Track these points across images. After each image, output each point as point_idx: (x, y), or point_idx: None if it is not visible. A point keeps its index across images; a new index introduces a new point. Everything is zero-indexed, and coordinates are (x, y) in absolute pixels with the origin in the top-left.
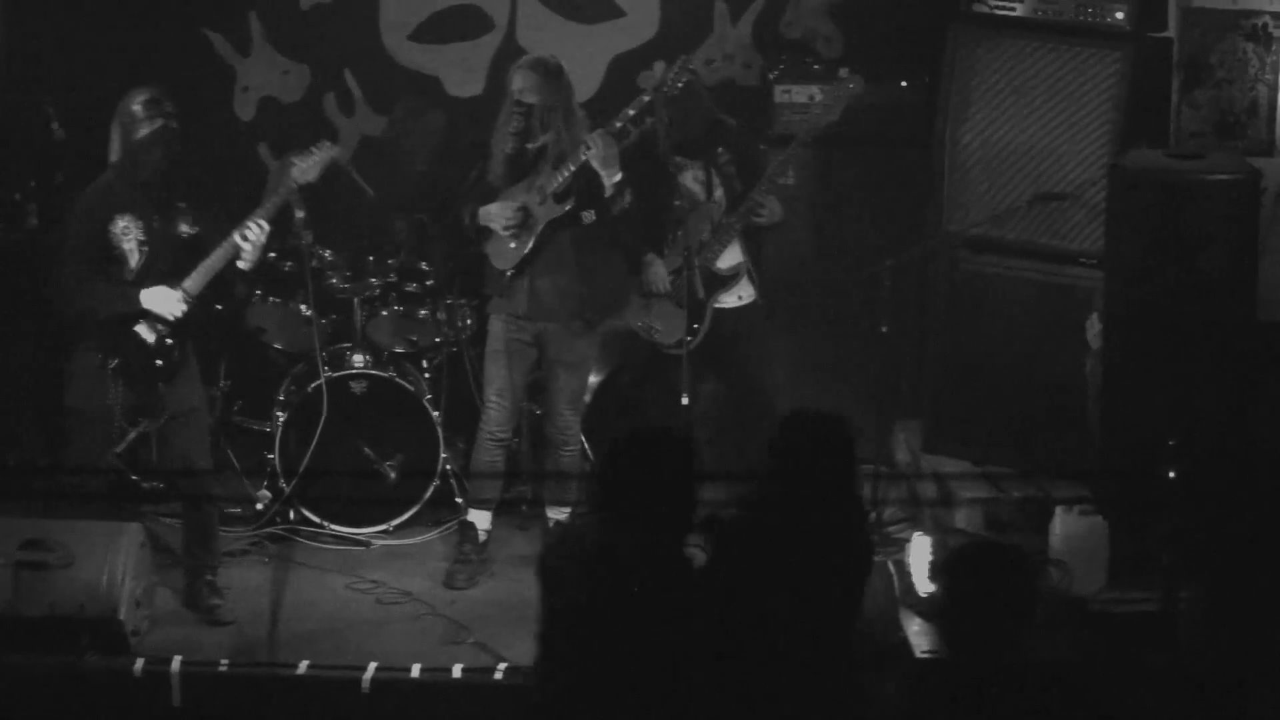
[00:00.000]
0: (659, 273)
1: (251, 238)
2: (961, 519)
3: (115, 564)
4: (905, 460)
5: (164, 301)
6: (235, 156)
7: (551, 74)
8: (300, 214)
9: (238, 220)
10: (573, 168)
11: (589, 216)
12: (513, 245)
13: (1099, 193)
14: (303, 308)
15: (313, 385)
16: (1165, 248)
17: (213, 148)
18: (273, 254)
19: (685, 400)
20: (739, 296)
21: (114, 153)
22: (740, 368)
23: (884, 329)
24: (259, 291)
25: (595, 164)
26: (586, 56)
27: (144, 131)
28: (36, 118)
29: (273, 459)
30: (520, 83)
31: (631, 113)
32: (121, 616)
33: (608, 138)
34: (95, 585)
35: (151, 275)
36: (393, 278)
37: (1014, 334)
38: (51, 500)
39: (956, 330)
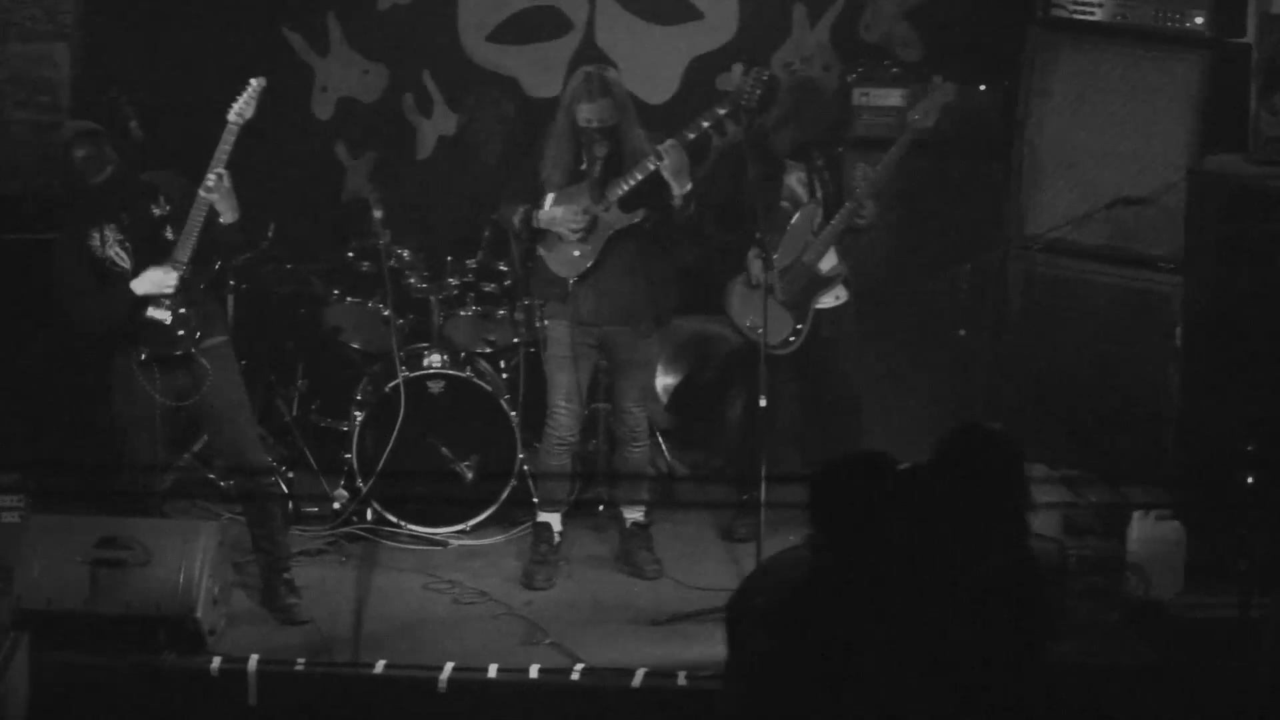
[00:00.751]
0: (761, 269)
1: (214, 187)
2: (1039, 523)
3: (192, 562)
4: None
5: (155, 281)
6: (312, 155)
7: (613, 89)
8: (378, 214)
9: (193, 181)
10: (639, 176)
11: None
12: (577, 254)
13: (1177, 198)
14: (381, 307)
15: (390, 385)
16: (1244, 253)
17: (290, 146)
18: (350, 253)
19: (763, 402)
20: (835, 297)
21: (67, 184)
22: (831, 369)
23: (962, 332)
24: (336, 291)
25: (666, 174)
26: (665, 58)
27: (97, 180)
28: (116, 117)
29: (350, 458)
30: (588, 110)
31: (705, 124)
32: (198, 615)
33: (679, 148)
34: (172, 584)
35: (145, 266)
36: (470, 278)
37: (1091, 338)
38: (127, 499)
39: (1034, 334)
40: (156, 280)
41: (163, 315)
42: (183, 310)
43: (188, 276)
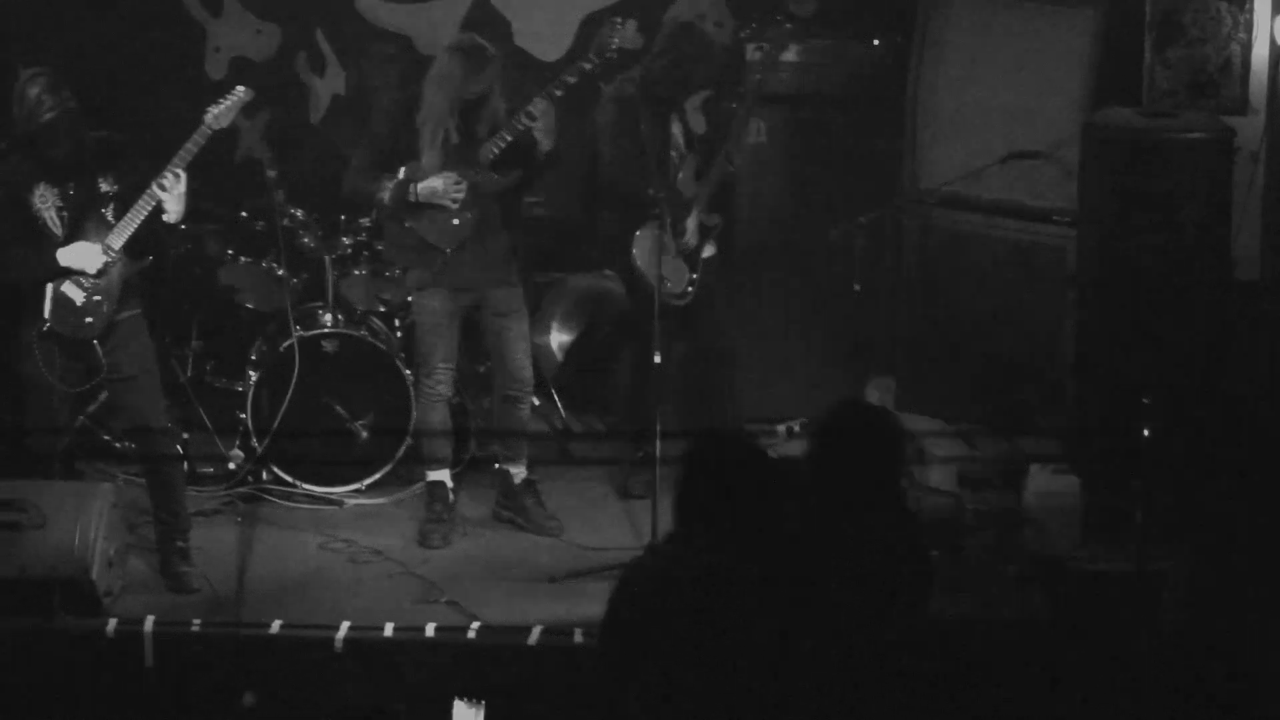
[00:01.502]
0: (691, 226)
1: (169, 187)
2: (935, 477)
3: (88, 525)
4: None
5: (82, 256)
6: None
7: (485, 58)
8: (272, 173)
9: (156, 173)
10: (509, 137)
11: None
12: (456, 222)
13: (1072, 151)
14: (275, 267)
15: (285, 344)
16: (1138, 206)
17: (183, 107)
18: (244, 213)
19: (658, 358)
20: (709, 247)
21: (17, 126)
22: (706, 322)
23: (857, 287)
24: (230, 251)
25: (538, 133)
26: (558, 15)
27: (47, 117)
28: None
29: (245, 418)
30: (476, 84)
31: (570, 79)
32: (94, 577)
33: (550, 106)
34: (67, 546)
35: (77, 238)
36: (364, 237)
37: (986, 292)
38: (23, 462)
39: (929, 288)
40: (84, 256)
41: (76, 295)
42: (97, 297)
43: (113, 265)
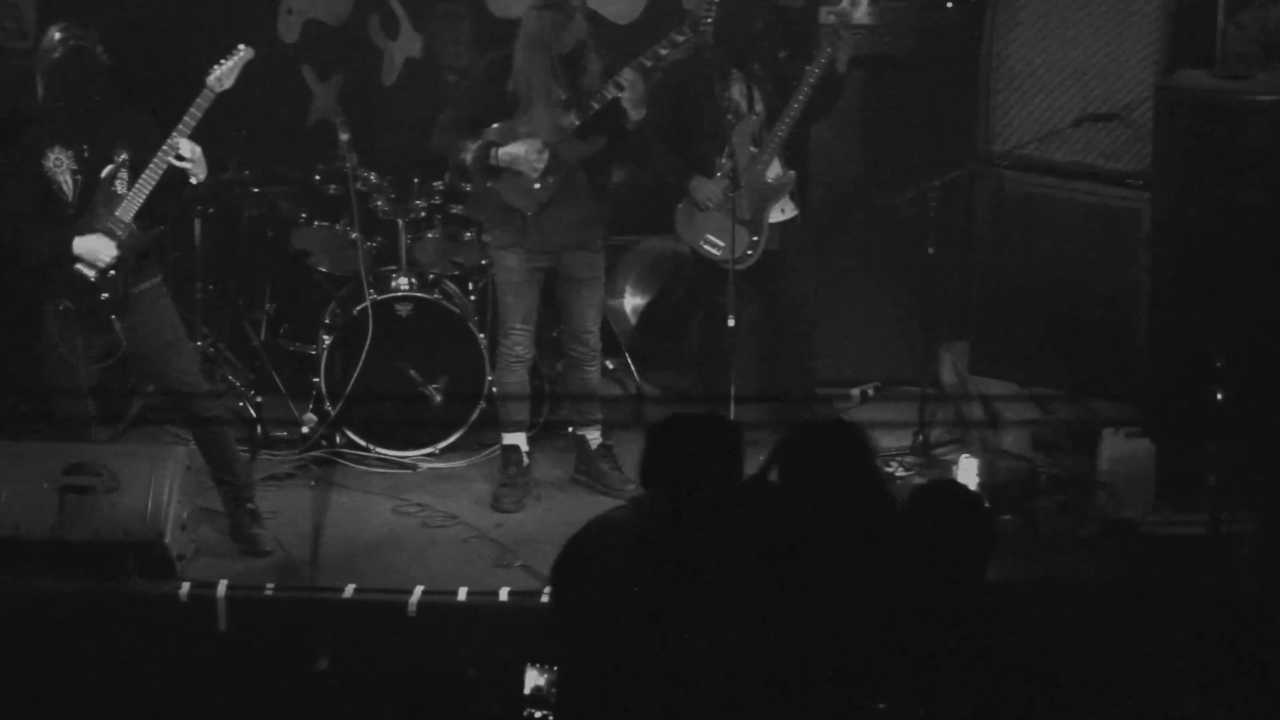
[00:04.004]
0: (710, 188)
1: (186, 154)
2: (1008, 441)
3: (161, 488)
4: (951, 382)
5: (95, 249)
6: (278, 79)
7: (569, 11)
8: (345, 137)
9: (165, 137)
10: (596, 105)
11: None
12: (537, 186)
13: (1145, 113)
14: (348, 230)
15: (358, 308)
16: (1211, 168)
17: (256, 70)
18: (317, 176)
19: (731, 321)
20: (782, 210)
21: (38, 88)
22: (783, 286)
23: (930, 250)
24: (304, 214)
25: (626, 103)
26: None
27: (56, 55)
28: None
29: (318, 382)
30: (564, 39)
31: (664, 51)
32: (167, 541)
33: (639, 77)
34: (141, 510)
35: (89, 205)
36: (438, 200)
37: (1060, 255)
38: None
39: (1002, 251)
40: (95, 250)
41: (89, 271)
42: (111, 272)
43: (124, 239)
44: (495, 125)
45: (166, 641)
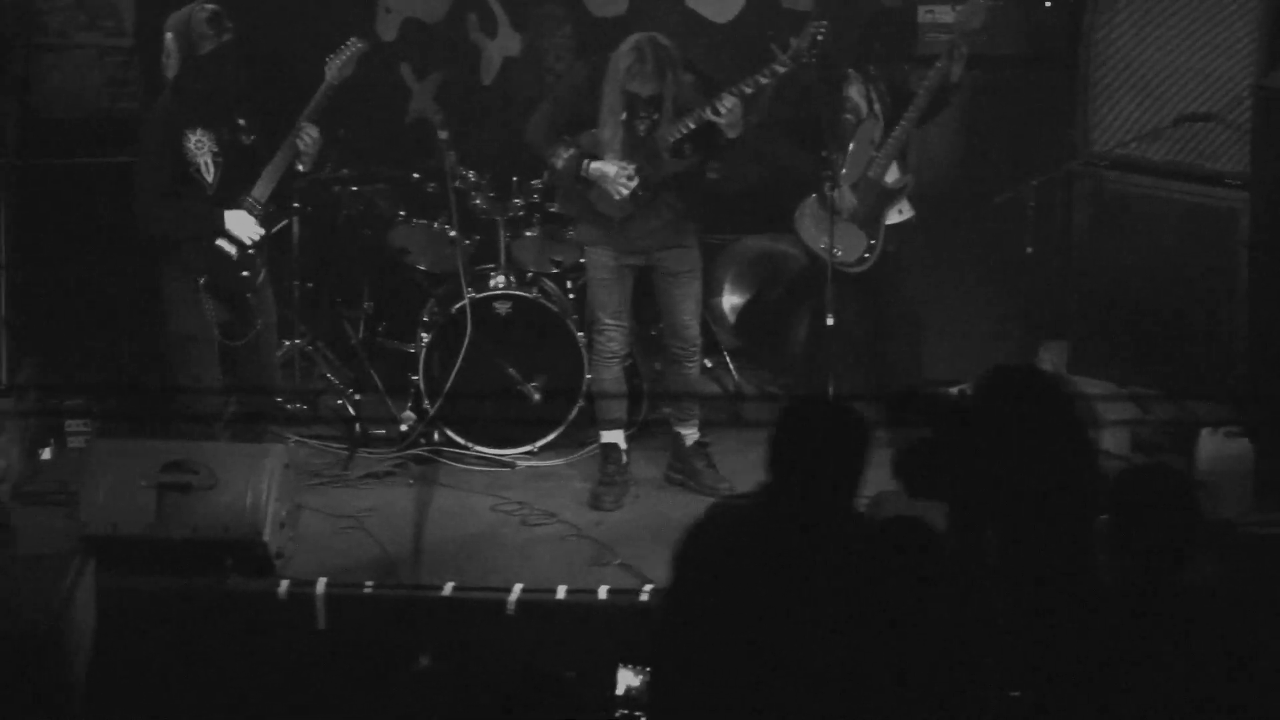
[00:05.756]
0: (847, 197)
1: (309, 141)
2: (1108, 440)
3: (259, 486)
4: None
5: (244, 226)
6: (377, 77)
7: (663, 60)
8: (444, 134)
9: (288, 125)
10: (691, 125)
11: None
12: (625, 199)
13: (1244, 113)
14: (447, 228)
15: (456, 306)
16: None
17: (355, 68)
18: (416, 174)
19: (830, 320)
20: (899, 211)
21: (171, 69)
22: (896, 287)
23: (1029, 249)
24: (402, 212)
25: (723, 126)
26: None
27: (209, 47)
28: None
29: (417, 380)
30: (639, 85)
31: (764, 80)
32: (266, 539)
33: (738, 104)
34: (239, 507)
35: (229, 185)
36: (536, 198)
37: (1159, 255)
38: (190, 424)
39: (1101, 251)
40: (244, 225)
41: (231, 249)
42: (250, 251)
43: (262, 218)
44: (589, 132)
45: (265, 639)
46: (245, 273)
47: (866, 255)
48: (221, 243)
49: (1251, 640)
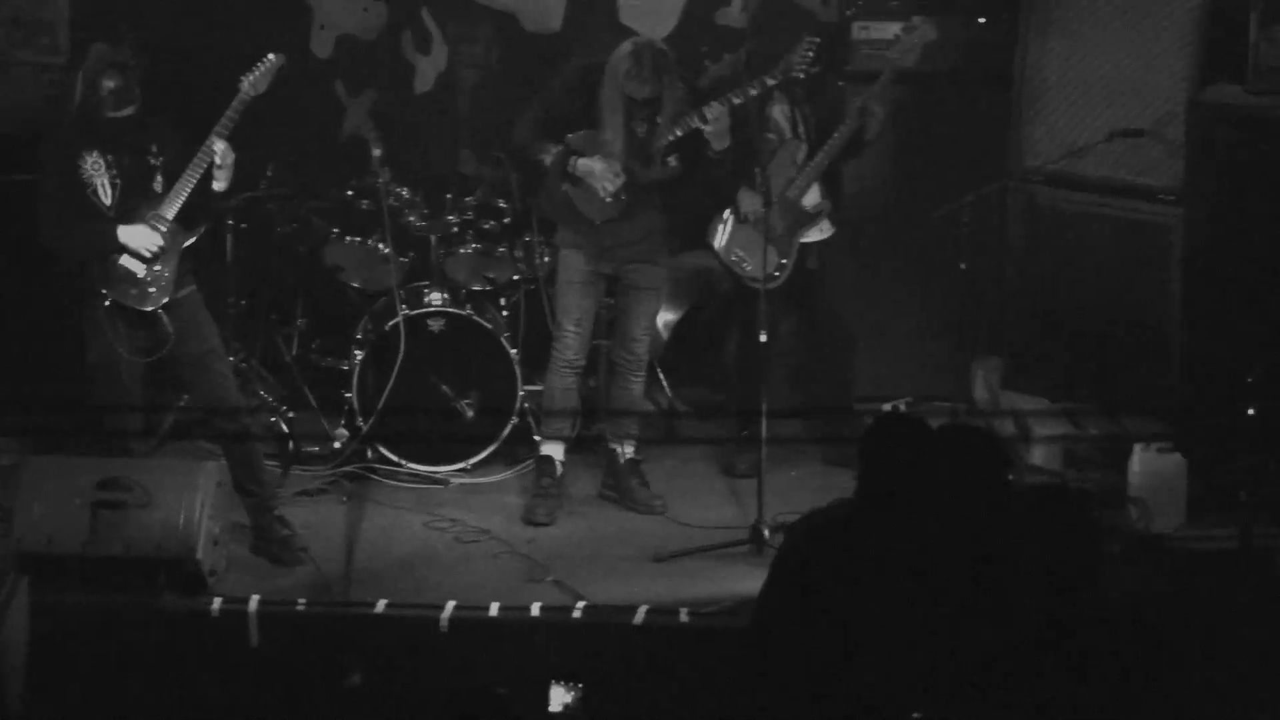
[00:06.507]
0: (753, 202)
1: (219, 156)
2: (1040, 456)
3: (193, 503)
4: (984, 398)
5: (142, 238)
6: (311, 95)
7: (660, 63)
8: (377, 152)
9: (200, 143)
10: (679, 132)
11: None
12: (608, 201)
13: (1177, 129)
14: (380, 246)
15: (390, 323)
16: (1244, 183)
17: (289, 86)
18: (350, 191)
19: (764, 337)
20: (820, 230)
21: (76, 96)
22: (819, 303)
23: (963, 265)
24: (336, 229)
25: (709, 135)
26: None
27: (108, 86)
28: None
29: (350, 397)
30: (637, 88)
31: (754, 91)
32: (199, 556)
33: (725, 113)
34: (173, 525)
35: (128, 206)
36: (470, 215)
37: (1093, 270)
38: (121, 441)
39: (1035, 267)
40: (143, 239)
41: (136, 267)
42: (158, 267)
43: (168, 236)
44: (581, 132)
45: (198, 657)
46: (151, 290)
47: (776, 274)
48: (125, 260)
49: (1175, 653)
